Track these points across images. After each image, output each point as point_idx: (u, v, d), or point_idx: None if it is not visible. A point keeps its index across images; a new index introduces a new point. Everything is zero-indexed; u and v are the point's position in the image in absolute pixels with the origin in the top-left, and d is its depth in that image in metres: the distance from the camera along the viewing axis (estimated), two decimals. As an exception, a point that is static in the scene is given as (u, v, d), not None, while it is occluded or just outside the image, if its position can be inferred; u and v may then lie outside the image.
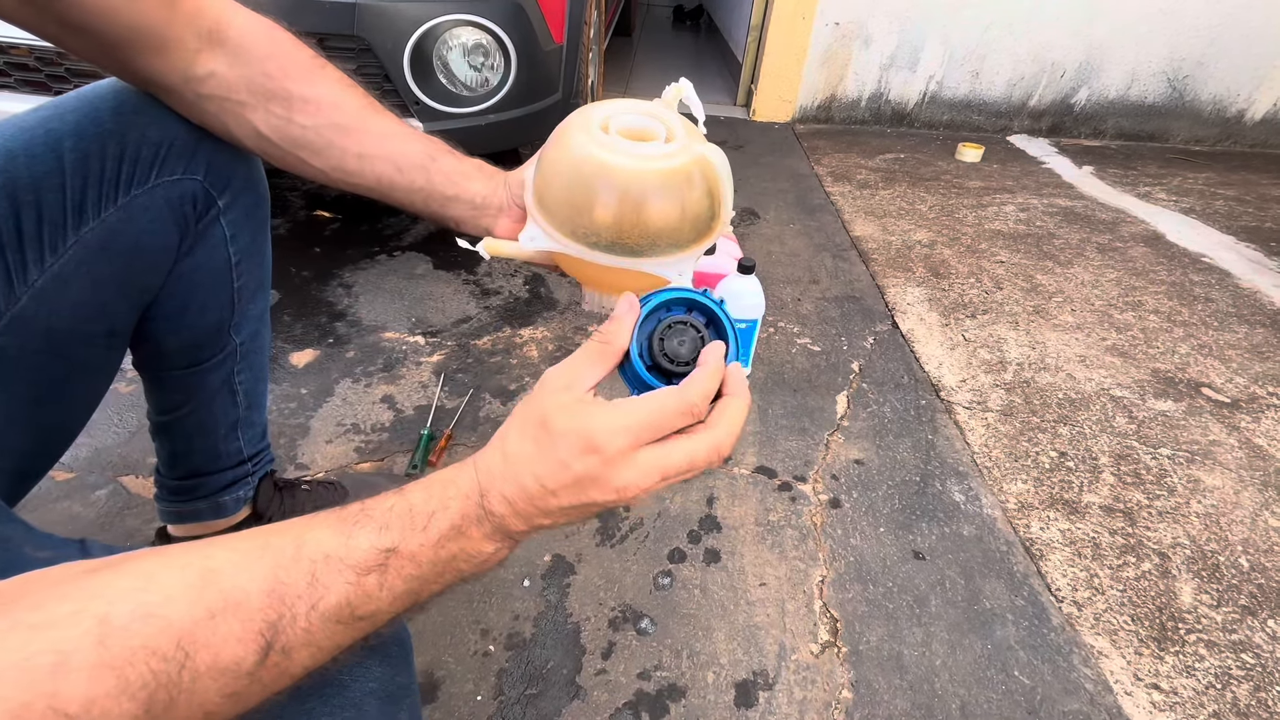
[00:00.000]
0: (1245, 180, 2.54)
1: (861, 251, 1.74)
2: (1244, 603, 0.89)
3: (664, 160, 0.40)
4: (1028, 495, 1.03)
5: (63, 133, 0.46)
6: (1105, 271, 1.75)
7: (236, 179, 0.56)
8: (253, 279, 0.62)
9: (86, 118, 0.47)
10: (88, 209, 0.47)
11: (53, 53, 1.06)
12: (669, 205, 0.40)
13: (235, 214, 0.57)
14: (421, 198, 0.48)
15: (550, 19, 1.30)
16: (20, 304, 0.44)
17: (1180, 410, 1.25)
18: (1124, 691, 0.77)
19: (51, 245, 0.45)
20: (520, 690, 0.71)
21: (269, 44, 0.45)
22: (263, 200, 0.61)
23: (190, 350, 0.61)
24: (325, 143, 0.46)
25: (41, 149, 0.45)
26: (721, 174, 0.43)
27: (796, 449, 1.08)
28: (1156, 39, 2.71)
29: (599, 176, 0.39)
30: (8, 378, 0.45)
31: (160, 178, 0.50)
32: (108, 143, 0.47)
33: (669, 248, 0.42)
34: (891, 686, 0.75)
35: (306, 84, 0.46)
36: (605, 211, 0.40)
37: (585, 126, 0.41)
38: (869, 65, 2.73)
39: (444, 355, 1.21)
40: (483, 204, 0.48)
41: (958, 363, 1.33)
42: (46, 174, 0.45)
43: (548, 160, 0.43)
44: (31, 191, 0.44)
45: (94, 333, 0.51)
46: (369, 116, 0.47)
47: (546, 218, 0.42)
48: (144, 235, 0.50)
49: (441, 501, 0.29)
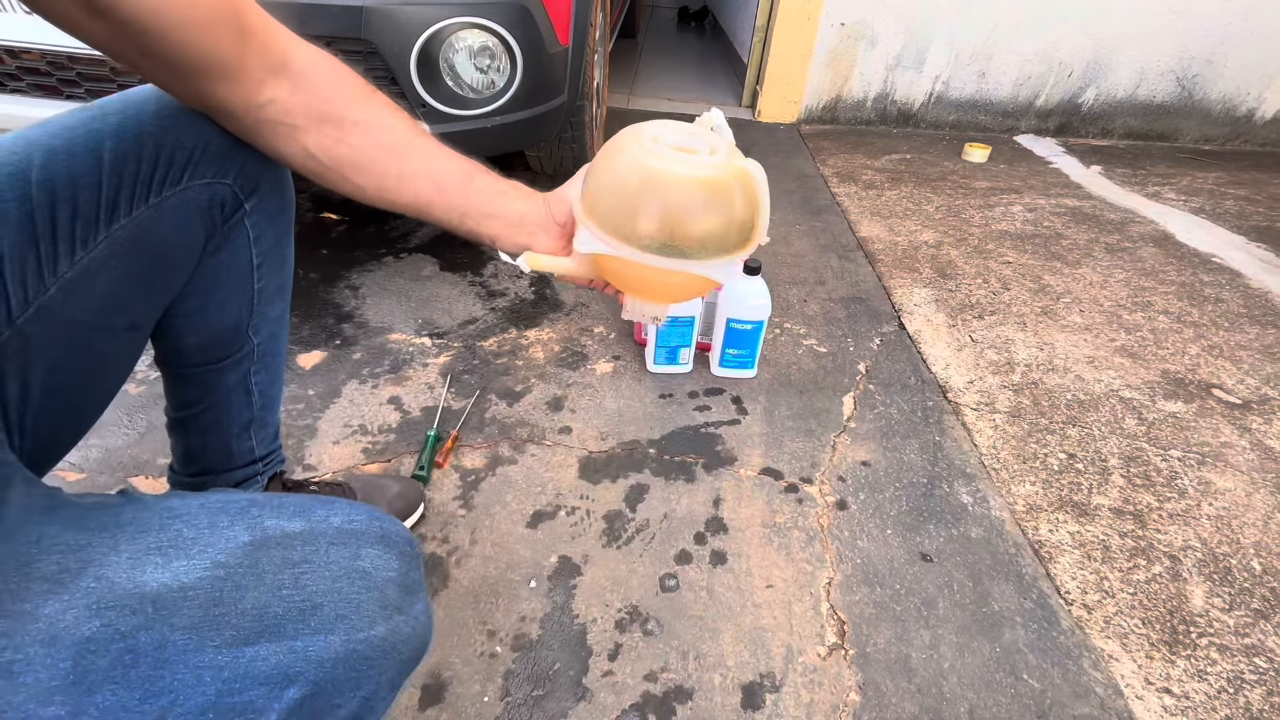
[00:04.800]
0: (1256, 180, 2.52)
1: (868, 252, 1.73)
2: (1256, 606, 0.88)
3: (713, 169, 0.44)
4: (1036, 497, 1.03)
5: (104, 133, 0.47)
6: (1114, 272, 1.73)
7: (265, 183, 0.57)
8: (273, 281, 0.64)
9: (129, 119, 0.48)
10: (120, 206, 0.48)
11: (64, 57, 1.07)
12: (718, 210, 0.44)
13: (260, 217, 0.58)
14: (458, 215, 0.52)
15: (556, 21, 1.31)
16: (49, 294, 0.46)
17: (1191, 412, 1.24)
18: (1135, 695, 0.77)
19: (83, 240, 0.47)
20: (527, 691, 0.71)
21: (327, 72, 0.48)
22: (288, 206, 0.62)
23: (209, 348, 0.62)
24: (369, 161, 0.49)
25: (82, 148, 0.46)
26: (761, 186, 0.46)
27: (803, 450, 1.07)
28: (1165, 38, 2.69)
29: (653, 182, 0.43)
30: (31, 364, 0.46)
31: (192, 180, 0.51)
32: (145, 144, 0.48)
33: (716, 251, 0.45)
34: (899, 690, 0.75)
35: (359, 108, 0.49)
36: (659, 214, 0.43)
37: (637, 139, 0.45)
38: (875, 66, 2.72)
39: (450, 357, 1.21)
40: (520, 221, 0.51)
41: (965, 364, 1.32)
42: (85, 171, 0.46)
43: (599, 170, 0.47)
44: (69, 188, 0.45)
45: (117, 325, 0.52)
46: (414, 139, 0.50)
47: (598, 224, 0.46)
48: (171, 234, 0.52)
49: None
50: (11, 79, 1.10)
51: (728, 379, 1.22)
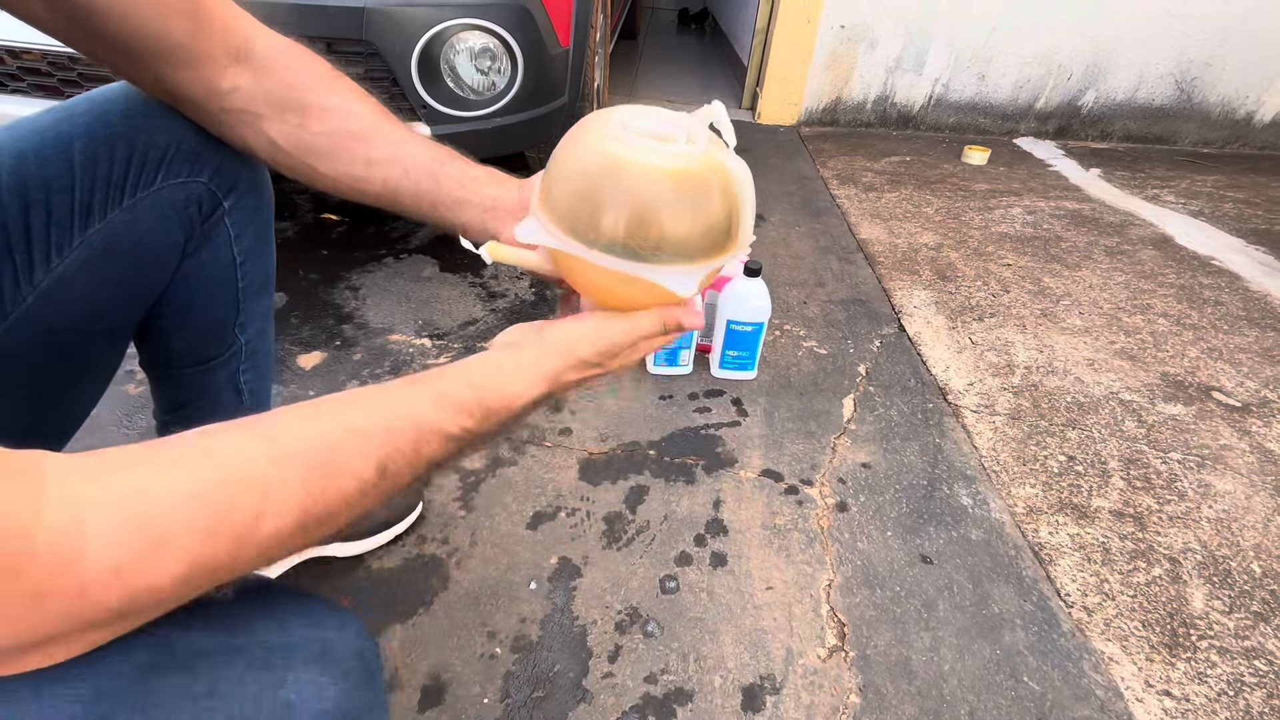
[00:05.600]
0: (1255, 183, 2.52)
1: (868, 254, 1.74)
2: (1256, 609, 0.88)
3: (684, 160, 0.37)
4: (1036, 499, 1.03)
5: (73, 135, 0.46)
6: (1113, 274, 1.74)
7: (242, 181, 0.56)
8: (257, 278, 0.63)
9: (97, 120, 0.47)
10: (94, 210, 0.47)
11: (65, 57, 1.07)
12: (679, 207, 0.37)
13: (240, 215, 0.57)
14: (429, 201, 0.49)
15: (557, 23, 1.31)
16: (25, 304, 0.45)
17: (1190, 414, 1.24)
18: (1135, 698, 0.77)
19: (58, 246, 0.46)
20: (527, 693, 0.71)
21: (289, 58, 0.47)
22: (267, 201, 0.61)
23: (196, 348, 0.62)
24: (335, 148, 0.47)
25: (52, 151, 0.45)
26: (743, 188, 0.40)
27: (803, 452, 1.07)
28: (1164, 41, 2.69)
29: (606, 168, 0.37)
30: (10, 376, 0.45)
31: (166, 180, 0.50)
32: (116, 145, 0.47)
33: (675, 256, 0.38)
34: (899, 692, 0.75)
35: (323, 94, 0.47)
36: (610, 206, 0.37)
37: (604, 123, 0.39)
38: (874, 68, 2.72)
39: (450, 358, 1.21)
40: (492, 206, 0.48)
41: (965, 366, 1.32)
42: (56, 175, 0.45)
43: (558, 156, 0.40)
44: (42, 192, 0.44)
45: (96, 331, 0.51)
46: (380, 124, 0.48)
47: (548, 213, 0.40)
48: (148, 236, 0.51)
49: (509, 409, 0.39)
50: (13, 79, 1.10)
51: (728, 381, 1.22)
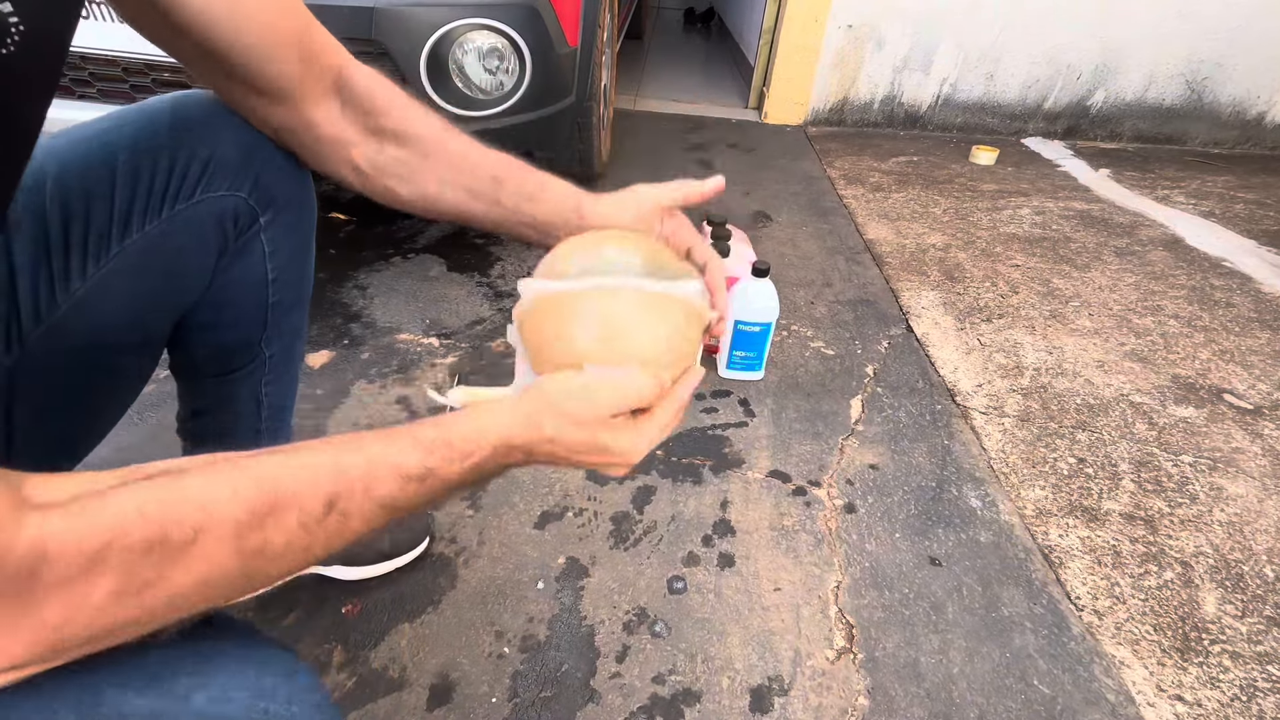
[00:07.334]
0: (1266, 183, 2.50)
1: (875, 255, 1.73)
2: (1269, 613, 0.88)
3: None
4: (1046, 502, 1.02)
5: (119, 145, 0.47)
6: (1123, 275, 1.73)
7: (281, 195, 0.56)
8: (289, 295, 0.62)
9: (144, 131, 0.48)
10: (133, 221, 0.47)
11: (141, 64, 1.07)
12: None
13: (277, 230, 0.57)
14: (492, 223, 0.51)
15: (564, 22, 1.31)
16: (61, 312, 0.45)
17: (1202, 417, 1.23)
18: (1146, 703, 0.76)
19: (95, 256, 0.46)
20: (535, 693, 0.71)
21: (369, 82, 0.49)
22: (306, 217, 0.61)
23: (220, 360, 0.61)
24: (410, 171, 0.49)
25: (97, 161, 0.46)
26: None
27: (810, 453, 1.07)
28: (1175, 41, 2.68)
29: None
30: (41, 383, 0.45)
31: (205, 193, 0.50)
32: (159, 157, 0.48)
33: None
34: (908, 694, 0.75)
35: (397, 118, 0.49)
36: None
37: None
38: (882, 68, 2.72)
39: (458, 357, 1.21)
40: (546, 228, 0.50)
41: (973, 367, 1.32)
42: (98, 184, 0.45)
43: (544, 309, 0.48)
44: (83, 202, 0.45)
45: (128, 342, 0.51)
46: (446, 139, 0.50)
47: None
48: (184, 249, 0.51)
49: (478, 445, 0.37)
50: (83, 85, 1.10)
51: (735, 381, 1.22)
